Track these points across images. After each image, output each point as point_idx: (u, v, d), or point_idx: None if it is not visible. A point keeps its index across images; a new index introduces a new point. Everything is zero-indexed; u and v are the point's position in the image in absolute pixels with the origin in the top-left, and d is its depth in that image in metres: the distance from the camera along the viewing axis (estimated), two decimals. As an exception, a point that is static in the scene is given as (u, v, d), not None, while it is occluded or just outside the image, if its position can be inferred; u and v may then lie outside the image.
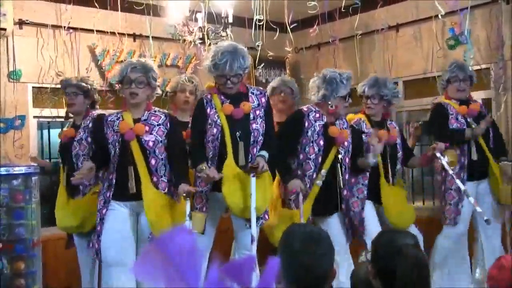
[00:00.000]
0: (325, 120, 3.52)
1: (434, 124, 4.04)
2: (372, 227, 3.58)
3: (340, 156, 3.51)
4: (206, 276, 0.65)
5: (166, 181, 3.20)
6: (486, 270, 3.72)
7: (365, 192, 3.74)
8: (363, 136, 3.76)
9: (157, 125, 3.21)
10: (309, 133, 3.48)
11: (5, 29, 4.17)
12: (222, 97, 3.30)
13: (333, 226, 3.51)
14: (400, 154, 3.93)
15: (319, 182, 3.47)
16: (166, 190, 3.18)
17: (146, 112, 3.24)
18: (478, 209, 3.46)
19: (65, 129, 3.88)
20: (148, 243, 3.15)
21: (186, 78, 4.16)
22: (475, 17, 4.57)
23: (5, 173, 3.70)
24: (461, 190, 3.64)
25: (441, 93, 4.16)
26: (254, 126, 3.28)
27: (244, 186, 3.14)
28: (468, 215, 3.91)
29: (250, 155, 3.26)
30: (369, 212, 3.75)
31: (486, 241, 3.93)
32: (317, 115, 3.52)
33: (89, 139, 3.60)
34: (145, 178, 3.13)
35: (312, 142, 3.48)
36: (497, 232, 3.95)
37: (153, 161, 3.16)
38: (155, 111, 3.28)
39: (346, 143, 3.54)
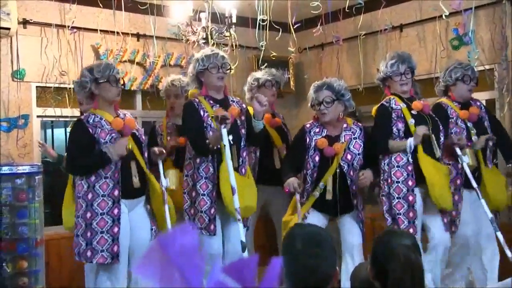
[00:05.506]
0: (325, 133, 3.45)
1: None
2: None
3: (341, 168, 3.42)
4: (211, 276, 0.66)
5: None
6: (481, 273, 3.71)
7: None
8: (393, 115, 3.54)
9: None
10: (310, 148, 3.48)
11: (9, 29, 4.18)
12: (211, 102, 3.39)
13: (345, 226, 3.49)
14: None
15: (316, 194, 3.45)
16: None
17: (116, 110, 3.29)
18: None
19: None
20: (152, 239, 3.21)
21: (169, 81, 4.07)
22: (479, 17, 4.56)
23: (8, 172, 3.72)
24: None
25: (441, 94, 3.97)
26: (243, 131, 3.42)
27: (240, 187, 3.18)
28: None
29: (241, 158, 3.36)
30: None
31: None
32: (317, 129, 3.48)
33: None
34: (146, 170, 3.25)
35: (309, 157, 3.48)
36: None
37: (146, 153, 3.31)
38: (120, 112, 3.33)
39: (349, 157, 3.43)
